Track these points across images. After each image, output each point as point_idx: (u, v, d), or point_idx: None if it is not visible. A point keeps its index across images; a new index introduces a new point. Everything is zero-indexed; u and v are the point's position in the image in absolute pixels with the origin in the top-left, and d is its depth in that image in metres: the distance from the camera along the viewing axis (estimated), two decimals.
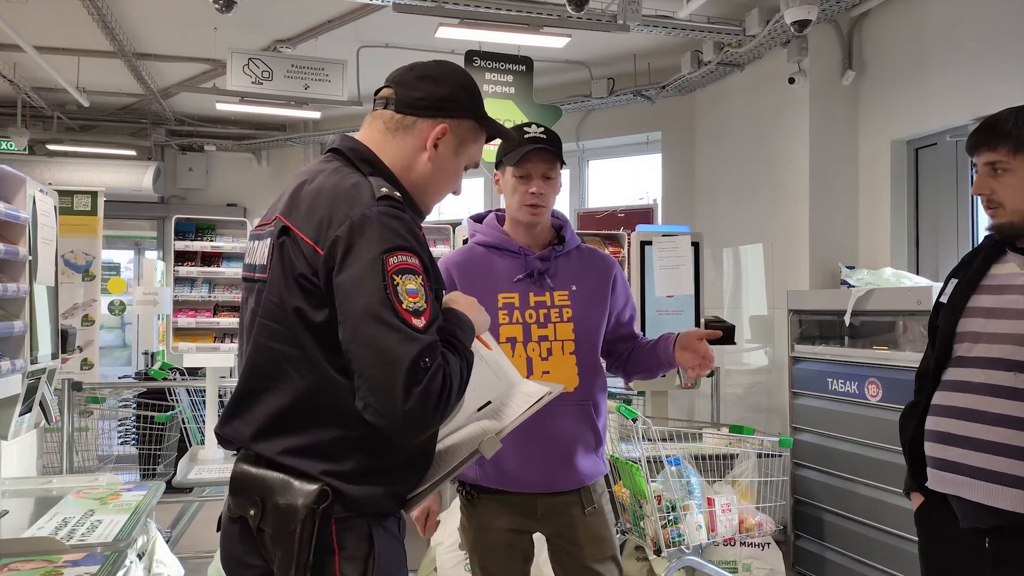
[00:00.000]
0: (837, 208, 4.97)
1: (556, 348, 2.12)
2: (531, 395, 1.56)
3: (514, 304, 2.14)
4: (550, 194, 2.16)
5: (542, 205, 2.14)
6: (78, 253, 4.94)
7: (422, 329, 1.31)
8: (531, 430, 2.02)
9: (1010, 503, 1.73)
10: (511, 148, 2.12)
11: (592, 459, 2.17)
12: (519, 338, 2.12)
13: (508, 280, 2.17)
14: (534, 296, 2.15)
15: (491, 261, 2.20)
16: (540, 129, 2.15)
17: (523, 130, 2.14)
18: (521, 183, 2.14)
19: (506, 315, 2.13)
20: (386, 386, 1.28)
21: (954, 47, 4.24)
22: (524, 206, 2.14)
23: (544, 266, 2.17)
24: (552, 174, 2.15)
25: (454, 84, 1.56)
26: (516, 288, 2.16)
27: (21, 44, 5.59)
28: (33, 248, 2.87)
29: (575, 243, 2.27)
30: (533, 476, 2.11)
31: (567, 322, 2.13)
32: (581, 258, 2.25)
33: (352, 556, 1.38)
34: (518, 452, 2.07)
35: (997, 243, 1.92)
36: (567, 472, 2.12)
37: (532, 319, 2.13)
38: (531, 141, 2.11)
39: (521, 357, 2.11)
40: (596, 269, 2.23)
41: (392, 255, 1.33)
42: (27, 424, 3.04)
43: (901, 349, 3.63)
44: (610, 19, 5.08)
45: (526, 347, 2.12)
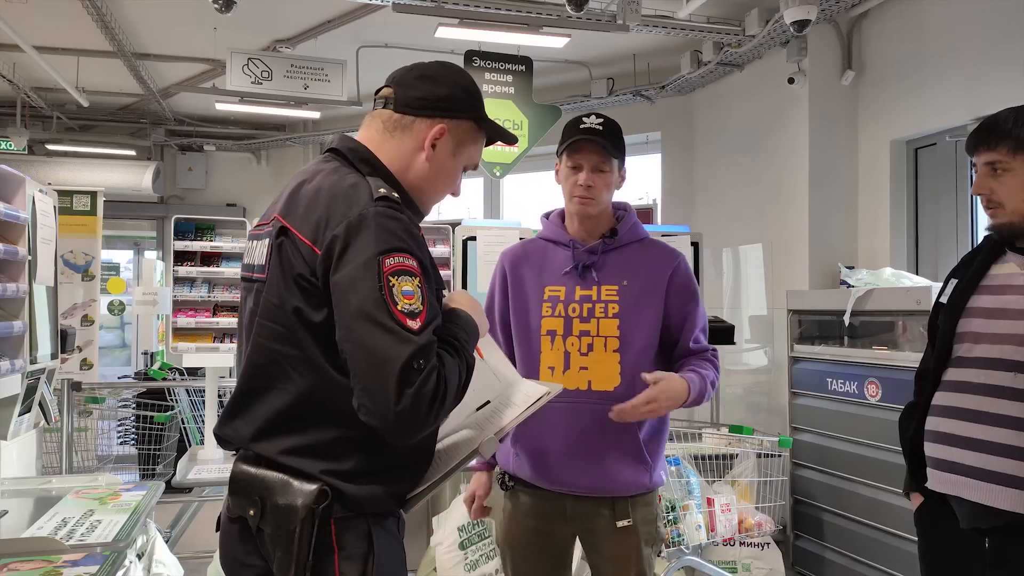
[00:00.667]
0: (836, 208, 4.97)
1: (598, 344, 2.04)
2: (530, 395, 1.56)
3: (559, 297, 2.09)
4: (602, 187, 2.07)
5: (591, 197, 2.06)
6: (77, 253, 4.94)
7: (417, 331, 1.31)
8: (560, 424, 2.02)
9: (1010, 503, 1.72)
10: (566, 137, 2.07)
11: (634, 470, 2.05)
12: (559, 331, 2.06)
13: (557, 273, 2.11)
14: (580, 289, 2.08)
15: (546, 254, 2.16)
16: (599, 120, 2.08)
17: (581, 119, 2.08)
18: (572, 173, 2.08)
19: (549, 307, 2.08)
20: (379, 387, 1.28)
21: (953, 47, 4.24)
22: (573, 197, 2.08)
23: (591, 259, 2.10)
24: (605, 167, 2.06)
25: (454, 85, 1.56)
26: (563, 281, 2.10)
27: (20, 44, 5.59)
28: (32, 248, 2.87)
29: (637, 237, 2.16)
30: (560, 474, 2.04)
31: (612, 318, 2.04)
32: (640, 252, 2.13)
33: (352, 556, 1.38)
34: (548, 447, 2.05)
35: (997, 243, 1.92)
36: (597, 476, 2.03)
37: (575, 313, 2.06)
38: (585, 132, 2.05)
39: (559, 350, 2.06)
40: (653, 264, 2.11)
41: (388, 256, 1.33)
42: (26, 424, 3.04)
43: (900, 349, 3.63)
44: (610, 19, 5.08)
45: (565, 341, 2.06)
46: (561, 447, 2.03)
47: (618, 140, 2.08)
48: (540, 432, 2.05)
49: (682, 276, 2.11)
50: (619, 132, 2.10)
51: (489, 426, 1.54)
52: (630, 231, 2.15)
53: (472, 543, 3.29)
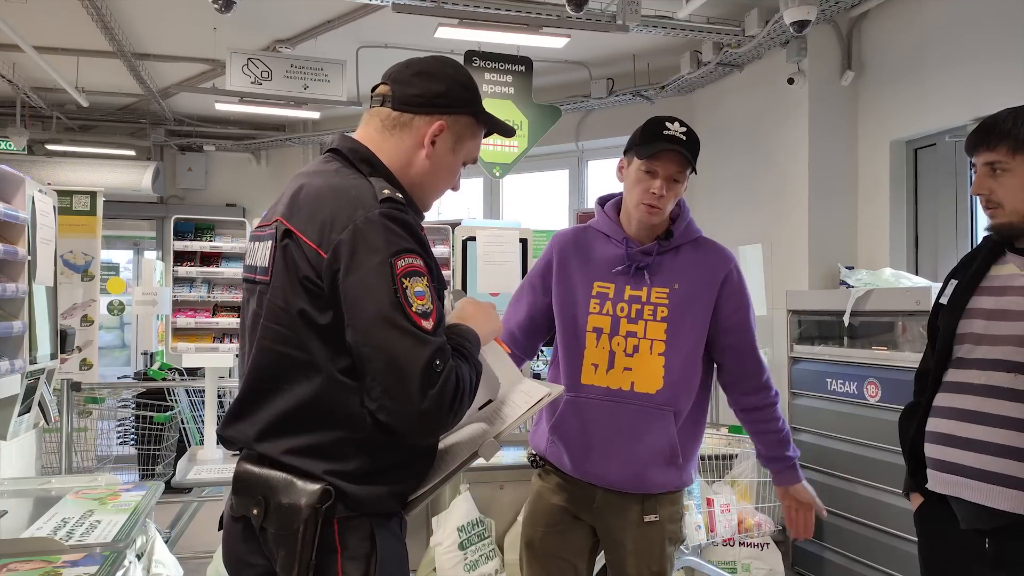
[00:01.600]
0: (836, 208, 4.97)
1: (644, 346, 2.01)
2: (531, 395, 1.56)
3: (607, 295, 2.05)
4: (671, 198, 2.02)
5: (659, 208, 2.01)
6: (77, 253, 4.94)
7: (431, 331, 1.33)
8: (599, 420, 2.03)
9: (1010, 504, 1.72)
10: (646, 140, 1.99)
11: (665, 468, 2.04)
12: (605, 329, 2.04)
13: (607, 269, 2.07)
14: (630, 289, 2.04)
15: (597, 246, 2.11)
16: (683, 128, 1.99)
17: (665, 124, 1.99)
18: (646, 178, 2.00)
19: (597, 304, 2.05)
20: (402, 389, 1.30)
21: (953, 48, 4.24)
22: (642, 204, 2.01)
23: (645, 260, 2.05)
24: (680, 178, 2.01)
25: (451, 80, 1.55)
26: (613, 278, 2.06)
27: (20, 44, 5.59)
28: (32, 248, 2.87)
29: (691, 236, 2.11)
30: (593, 466, 2.04)
31: (660, 322, 2.01)
32: (694, 254, 2.08)
33: (354, 556, 1.38)
34: (581, 439, 2.04)
35: (996, 244, 1.91)
36: (630, 474, 2.02)
37: (623, 312, 2.03)
38: (669, 140, 1.96)
39: (604, 349, 2.03)
40: (706, 267, 2.06)
41: (399, 258, 1.34)
42: (26, 424, 3.04)
43: (900, 349, 3.63)
44: (609, 19, 5.08)
45: (611, 340, 2.03)
46: (599, 443, 2.03)
47: (696, 151, 2.01)
48: (580, 426, 2.05)
49: (735, 280, 2.08)
50: (698, 142, 2.02)
51: (490, 428, 1.54)
52: (685, 231, 2.11)
53: (472, 543, 3.29)
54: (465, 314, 1.57)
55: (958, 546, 1.86)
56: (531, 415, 1.53)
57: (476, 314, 1.57)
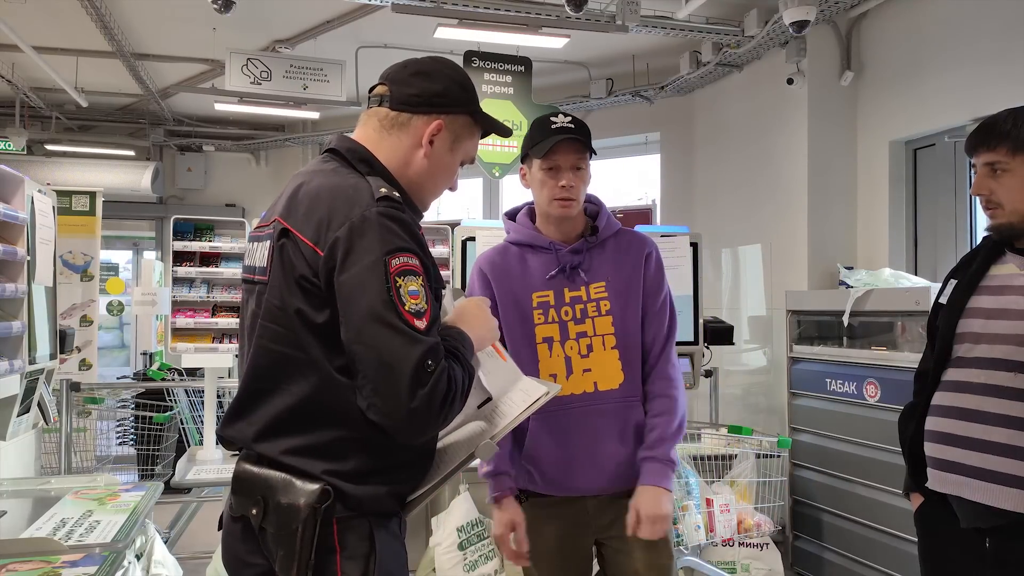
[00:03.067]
0: (836, 209, 4.97)
1: (597, 344, 2.01)
2: (529, 394, 1.55)
3: (549, 302, 2.04)
4: (580, 186, 2.02)
5: (573, 198, 2.01)
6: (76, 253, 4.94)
7: (424, 331, 1.33)
8: (573, 430, 1.99)
9: (1011, 503, 1.73)
10: (538, 139, 2.00)
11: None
12: (556, 337, 2.02)
13: (541, 278, 2.06)
14: (569, 292, 2.04)
15: (524, 259, 2.10)
16: (567, 119, 2.01)
17: (550, 120, 2.01)
18: (550, 176, 2.01)
19: (541, 315, 2.03)
20: (391, 388, 1.30)
21: (952, 48, 4.24)
22: (554, 200, 2.02)
23: (576, 259, 2.06)
24: (582, 164, 2.02)
25: (448, 80, 1.56)
26: (550, 285, 2.05)
27: (19, 44, 5.59)
28: (31, 248, 2.87)
29: (612, 230, 2.13)
30: (578, 479, 2.01)
31: (606, 315, 2.02)
32: (617, 245, 2.11)
33: (353, 556, 1.38)
34: (560, 453, 2.01)
35: (996, 244, 1.92)
36: (616, 474, 2.01)
37: (568, 316, 2.02)
38: (559, 131, 1.98)
39: (559, 356, 2.01)
40: (629, 253, 2.09)
41: (394, 257, 1.34)
42: (25, 424, 3.04)
43: (899, 350, 3.63)
44: (609, 19, 5.08)
45: (564, 346, 2.02)
46: (579, 453, 2.00)
47: (589, 136, 2.03)
48: (554, 443, 2.02)
49: (655, 260, 2.11)
50: (588, 129, 2.05)
51: (488, 428, 1.53)
52: (607, 225, 2.13)
53: (471, 543, 3.29)
54: (465, 314, 1.57)
55: (958, 545, 1.86)
56: (529, 414, 1.53)
57: (477, 315, 1.57)
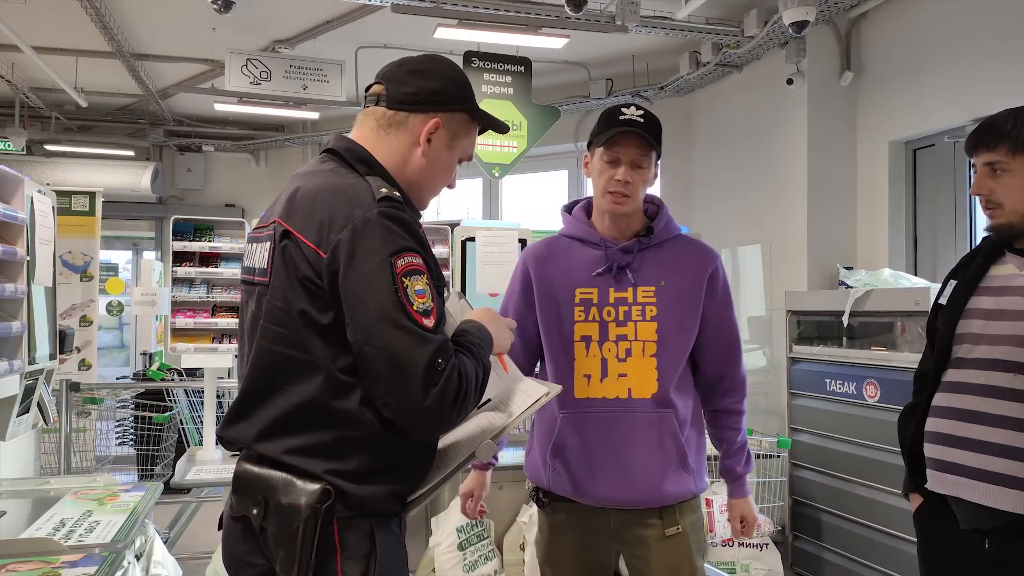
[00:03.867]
0: (835, 209, 4.97)
1: (636, 349, 1.92)
2: (530, 395, 1.56)
3: (592, 300, 1.95)
4: (639, 184, 1.92)
5: (627, 195, 1.91)
6: (76, 253, 4.94)
7: (432, 329, 1.34)
8: (601, 434, 1.92)
9: (1010, 504, 1.72)
10: (602, 128, 1.92)
11: (678, 476, 1.94)
12: (595, 337, 1.94)
13: (587, 274, 1.97)
14: (614, 292, 1.95)
15: (573, 253, 2.02)
16: (639, 112, 1.92)
17: (620, 110, 1.92)
18: (608, 167, 1.92)
19: (582, 312, 1.95)
20: (404, 388, 1.31)
21: (952, 48, 4.24)
22: (608, 193, 1.93)
23: (626, 259, 1.96)
24: (644, 163, 1.92)
25: (444, 78, 1.56)
26: (595, 283, 1.96)
27: (19, 44, 5.59)
28: (31, 248, 2.87)
29: (672, 233, 2.02)
30: (603, 488, 1.92)
31: (649, 321, 1.92)
32: (676, 250, 2.00)
33: (354, 556, 1.38)
34: (585, 456, 1.93)
35: (996, 244, 1.92)
36: (643, 488, 1.91)
37: (610, 317, 1.94)
38: (625, 123, 1.89)
39: (596, 357, 1.93)
40: (691, 262, 1.98)
41: (399, 257, 1.34)
42: (25, 425, 3.04)
43: (899, 350, 3.63)
44: (608, 20, 5.08)
45: (601, 347, 1.93)
46: (604, 460, 1.92)
47: (658, 133, 1.94)
48: (580, 445, 1.95)
49: (721, 276, 2.01)
50: (658, 125, 1.95)
51: (488, 428, 1.53)
52: (665, 227, 2.02)
53: (471, 544, 3.29)
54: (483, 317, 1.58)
55: (958, 546, 1.86)
56: (529, 414, 1.53)
57: (494, 319, 1.59)
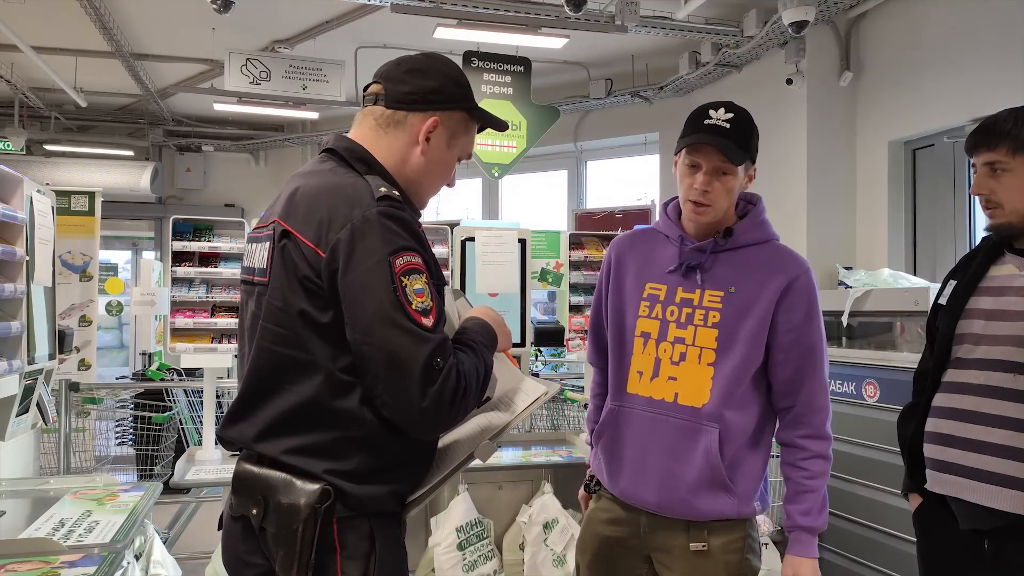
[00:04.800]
0: (835, 209, 4.97)
1: (692, 355, 1.81)
2: (529, 394, 1.55)
3: (659, 297, 1.87)
4: (721, 193, 1.80)
5: (707, 204, 1.80)
6: (75, 253, 4.93)
7: (431, 328, 1.34)
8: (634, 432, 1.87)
9: (1010, 504, 1.72)
10: (688, 132, 1.82)
11: (712, 494, 1.80)
12: (653, 334, 1.86)
13: (661, 270, 1.90)
14: (682, 292, 1.85)
15: (655, 247, 1.95)
16: (727, 116, 1.79)
17: (708, 112, 1.81)
18: (689, 172, 1.82)
19: (647, 307, 1.88)
20: (402, 388, 1.31)
21: (951, 49, 4.24)
22: (688, 200, 1.83)
23: (698, 258, 1.85)
24: (729, 170, 1.78)
25: (443, 76, 1.55)
26: (667, 280, 1.88)
27: (19, 44, 5.59)
28: (30, 248, 2.87)
29: (760, 238, 1.88)
30: (629, 486, 1.88)
31: (711, 328, 1.80)
32: (758, 256, 1.85)
33: (354, 555, 1.39)
34: (619, 454, 1.90)
35: (995, 244, 1.92)
36: (670, 496, 1.82)
37: (673, 316, 1.84)
38: (709, 130, 1.78)
39: (651, 355, 1.85)
40: (769, 270, 1.81)
41: (398, 256, 1.34)
42: (24, 425, 3.04)
43: (899, 350, 3.63)
44: (608, 20, 5.08)
45: (658, 346, 1.85)
46: (637, 458, 1.87)
47: (748, 138, 1.80)
48: (614, 436, 1.92)
49: (801, 289, 1.80)
50: (749, 128, 1.82)
51: (488, 427, 1.53)
52: (752, 231, 1.88)
53: (470, 544, 3.29)
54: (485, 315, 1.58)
55: (957, 546, 1.86)
56: (528, 414, 1.53)
57: (495, 318, 1.58)
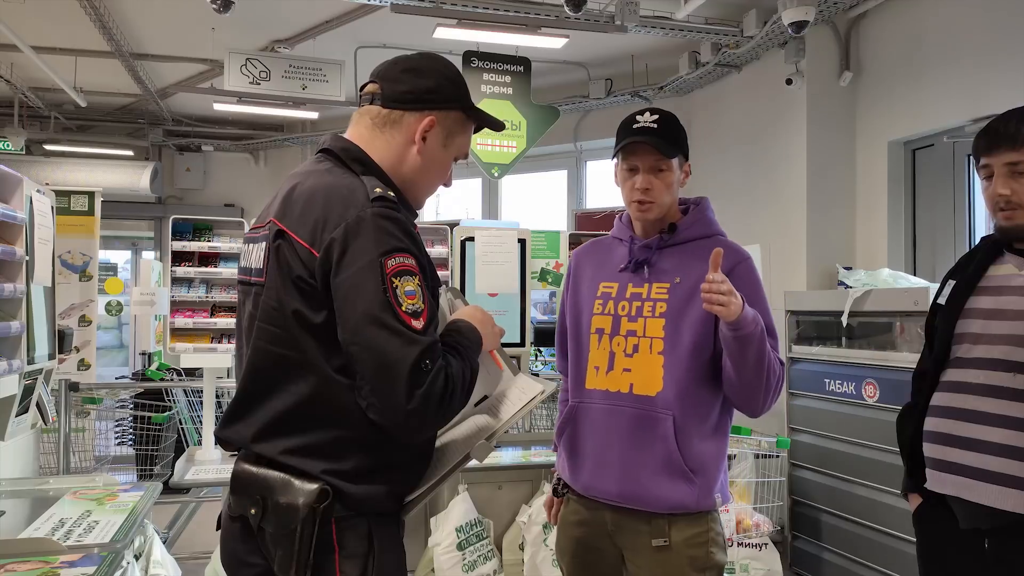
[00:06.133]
0: (834, 209, 4.97)
1: (643, 346, 1.89)
2: (526, 393, 1.55)
3: (611, 294, 1.97)
4: (662, 189, 1.91)
5: (650, 201, 1.91)
6: (75, 253, 4.93)
7: (421, 330, 1.33)
8: (593, 426, 1.93)
9: (1010, 504, 1.72)
10: (619, 138, 1.93)
11: (672, 484, 1.84)
12: (607, 330, 1.95)
13: (614, 269, 2.01)
14: (632, 287, 1.95)
15: (610, 250, 2.07)
16: (653, 117, 1.91)
17: (635, 118, 1.93)
18: (628, 176, 1.94)
19: (601, 304, 1.98)
20: (389, 388, 1.30)
21: (951, 48, 4.24)
22: (632, 202, 1.94)
23: (646, 255, 1.96)
24: (664, 166, 1.90)
25: (439, 76, 1.56)
26: (618, 278, 1.99)
27: (18, 44, 5.59)
28: (30, 248, 2.86)
29: (704, 232, 1.98)
30: (592, 479, 1.93)
31: (658, 318, 1.89)
32: (701, 249, 1.91)
33: (352, 555, 1.39)
34: (580, 447, 1.96)
35: (994, 244, 1.91)
36: (630, 486, 1.87)
37: (624, 311, 1.93)
38: (639, 132, 1.89)
39: (605, 350, 1.94)
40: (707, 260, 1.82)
41: (390, 257, 1.34)
42: (24, 425, 3.04)
43: (898, 350, 3.63)
44: (608, 20, 5.08)
45: (611, 340, 1.94)
46: (596, 450, 1.93)
47: (676, 135, 1.92)
48: (574, 432, 1.99)
49: (741, 275, 1.87)
50: (676, 126, 1.93)
51: (485, 427, 1.53)
52: (695, 226, 1.99)
53: (470, 544, 3.29)
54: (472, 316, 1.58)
55: (957, 546, 1.86)
56: (526, 412, 1.53)
57: (483, 319, 1.58)
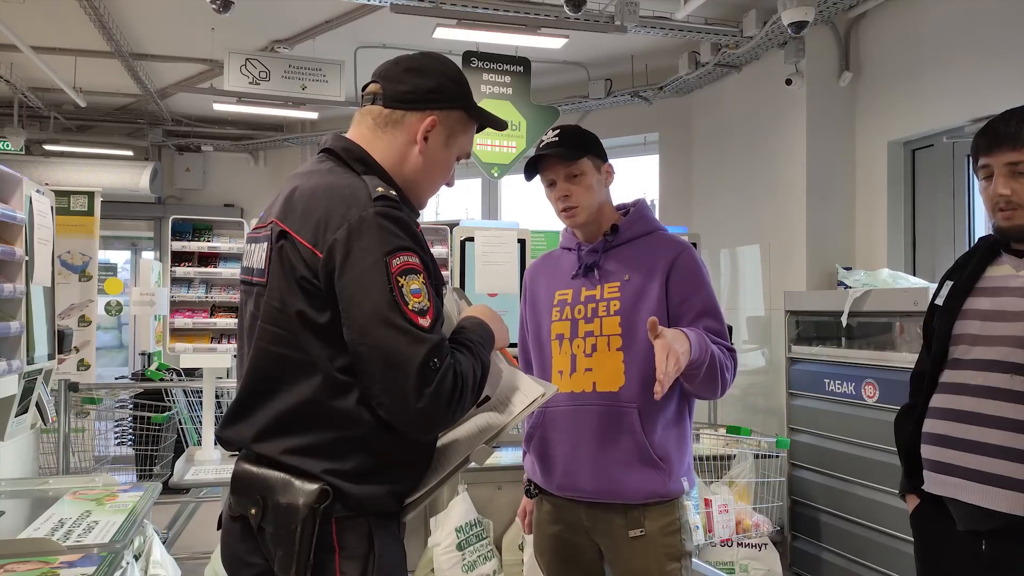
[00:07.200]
0: (834, 209, 4.98)
1: (602, 344, 1.98)
2: (527, 395, 1.55)
3: (567, 300, 2.06)
4: (581, 193, 2.03)
5: (573, 206, 2.04)
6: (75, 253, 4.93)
7: (428, 328, 1.33)
8: (562, 427, 2.00)
9: (1007, 505, 1.72)
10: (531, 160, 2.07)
11: (643, 474, 1.93)
12: (566, 334, 2.04)
13: (566, 277, 2.10)
14: (585, 291, 2.04)
15: (560, 261, 2.16)
16: (555, 132, 2.05)
17: (541, 140, 2.07)
18: (550, 191, 2.08)
19: (558, 311, 2.07)
20: (398, 388, 1.31)
21: (951, 48, 4.25)
22: (560, 212, 2.08)
23: (593, 258, 2.06)
24: (576, 171, 2.02)
25: (441, 75, 1.56)
26: (572, 284, 2.08)
27: (18, 44, 5.58)
28: (29, 248, 2.87)
29: (645, 230, 2.08)
30: (568, 479, 2.00)
31: (613, 316, 1.98)
32: (647, 246, 2.05)
33: (352, 555, 1.39)
34: (550, 450, 2.03)
35: (992, 245, 1.91)
36: (603, 480, 1.95)
37: (580, 314, 2.02)
38: (543, 148, 2.03)
39: (567, 353, 2.03)
40: (655, 255, 2.01)
41: (394, 256, 1.34)
42: (23, 425, 3.04)
43: (898, 350, 3.64)
44: (607, 20, 5.08)
45: (572, 343, 2.02)
46: (567, 451, 2.00)
47: (580, 140, 2.04)
48: (547, 436, 2.05)
49: (683, 264, 1.99)
50: (578, 133, 2.06)
51: (485, 428, 1.53)
52: (636, 226, 2.08)
53: (470, 544, 3.29)
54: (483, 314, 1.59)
55: (955, 547, 1.86)
56: (528, 414, 1.53)
57: (492, 317, 1.59)
